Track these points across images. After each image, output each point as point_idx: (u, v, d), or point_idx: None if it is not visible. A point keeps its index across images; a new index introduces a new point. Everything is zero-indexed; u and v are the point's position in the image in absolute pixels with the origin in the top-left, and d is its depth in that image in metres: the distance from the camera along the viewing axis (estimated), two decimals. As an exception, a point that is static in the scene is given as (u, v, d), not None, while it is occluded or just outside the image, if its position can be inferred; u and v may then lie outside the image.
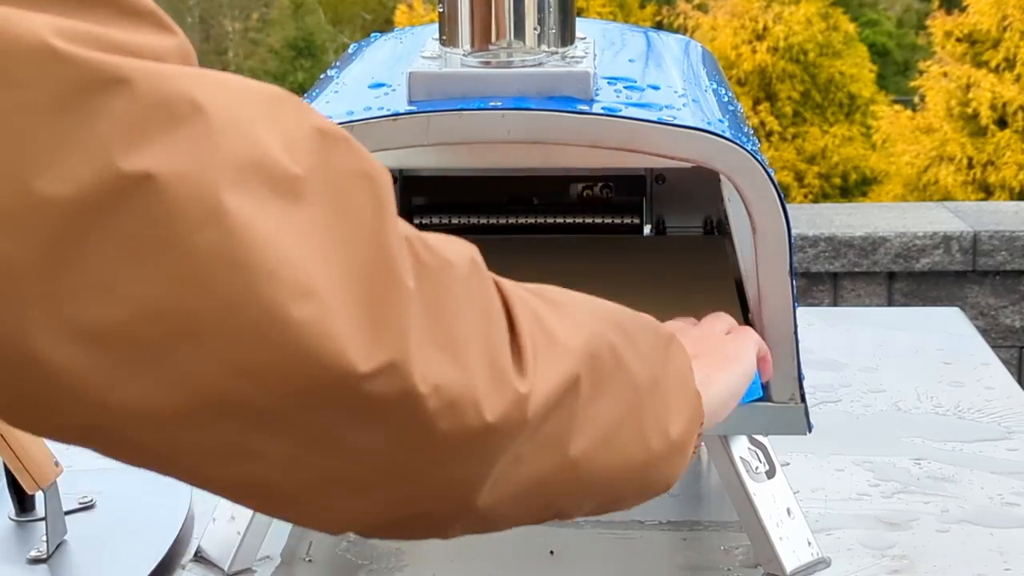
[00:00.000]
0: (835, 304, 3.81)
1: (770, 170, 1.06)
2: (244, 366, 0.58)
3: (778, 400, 1.12)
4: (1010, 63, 8.14)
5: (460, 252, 0.68)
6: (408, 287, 0.62)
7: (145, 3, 0.60)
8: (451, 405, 0.64)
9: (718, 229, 1.45)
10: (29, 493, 1.25)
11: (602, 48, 1.28)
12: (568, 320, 0.74)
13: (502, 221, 1.45)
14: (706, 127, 1.06)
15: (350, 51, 1.39)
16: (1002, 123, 8.08)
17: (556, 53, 1.10)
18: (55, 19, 0.56)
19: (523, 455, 0.70)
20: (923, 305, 3.67)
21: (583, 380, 0.74)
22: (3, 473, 1.27)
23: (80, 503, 1.28)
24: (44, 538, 1.21)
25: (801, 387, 1.12)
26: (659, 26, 9.02)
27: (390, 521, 0.69)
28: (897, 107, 9.13)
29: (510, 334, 0.69)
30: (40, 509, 1.25)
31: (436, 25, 1.14)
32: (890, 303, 3.80)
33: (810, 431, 1.13)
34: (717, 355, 0.96)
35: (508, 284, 0.71)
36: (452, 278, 0.66)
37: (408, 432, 0.63)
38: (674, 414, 0.83)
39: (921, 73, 8.79)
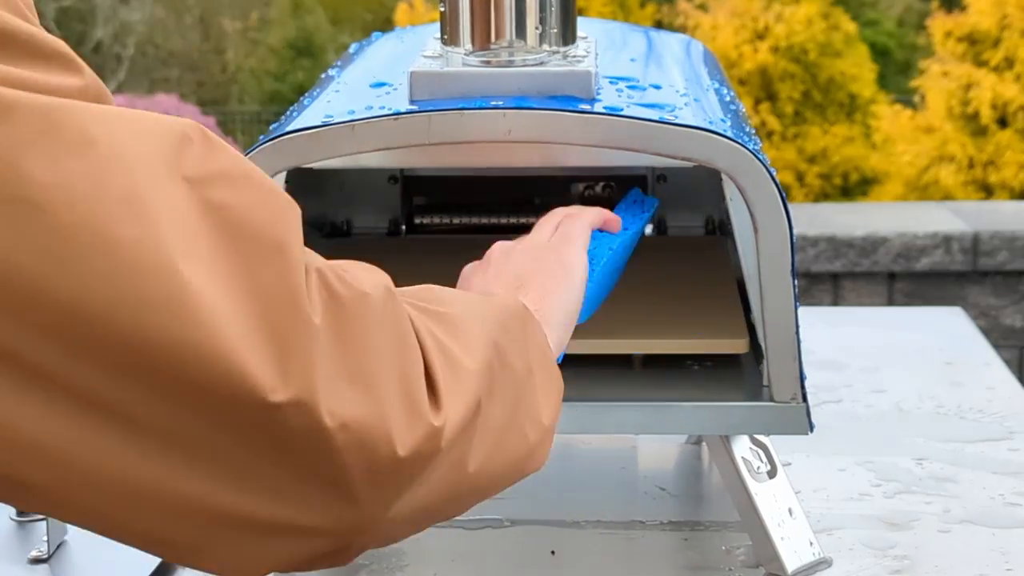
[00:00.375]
0: (835, 304, 3.81)
1: (772, 169, 1.06)
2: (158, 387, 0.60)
3: (780, 400, 1.12)
4: (1010, 63, 8.14)
5: (375, 283, 0.68)
6: (314, 322, 0.63)
7: (54, 45, 0.62)
8: (361, 441, 0.64)
9: (720, 229, 1.45)
10: (30, 493, 1.25)
11: (604, 47, 1.28)
12: (464, 339, 0.75)
13: (503, 221, 1.44)
14: (708, 126, 1.06)
15: (351, 51, 1.39)
16: (1003, 123, 8.08)
17: (558, 52, 1.10)
18: None
19: (430, 480, 0.71)
20: (923, 305, 3.67)
21: (483, 399, 0.75)
22: (4, 473, 1.27)
23: None
24: (45, 538, 1.21)
25: (803, 387, 1.12)
26: (659, 25, 9.01)
27: (298, 561, 0.69)
28: (897, 107, 9.13)
29: (424, 365, 0.70)
30: (41, 509, 1.25)
31: (437, 24, 1.14)
32: (890, 303, 3.80)
33: (812, 431, 1.13)
34: (545, 276, 0.94)
35: (411, 310, 0.72)
36: (367, 310, 0.66)
37: (318, 467, 0.64)
38: (542, 399, 0.83)
39: (921, 73, 8.79)
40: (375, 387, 0.65)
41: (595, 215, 1.03)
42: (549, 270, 0.95)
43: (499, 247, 0.99)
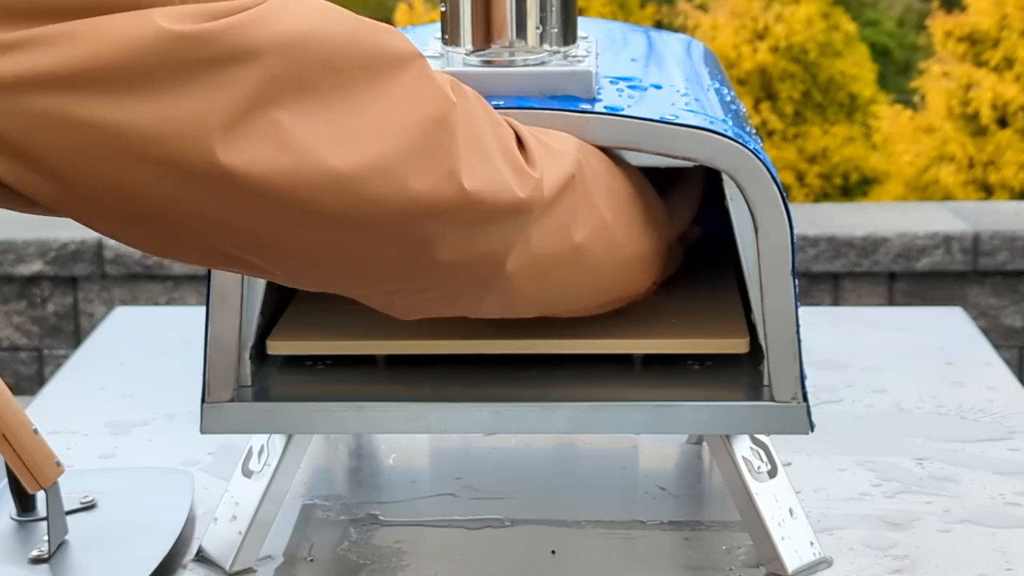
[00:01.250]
0: (835, 304, 3.81)
1: (773, 169, 1.06)
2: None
3: (780, 400, 1.12)
4: (1010, 63, 8.14)
5: (462, 86, 0.90)
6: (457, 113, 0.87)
7: None
8: (492, 191, 0.88)
9: (720, 229, 1.44)
10: (30, 493, 1.25)
11: (604, 47, 1.28)
12: (556, 138, 0.98)
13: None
14: (708, 126, 1.06)
15: (351, 50, 1.39)
16: (1003, 123, 8.08)
17: (558, 52, 1.10)
18: None
19: (533, 236, 0.93)
20: (924, 305, 3.67)
21: (578, 178, 0.97)
22: (4, 472, 1.27)
23: (81, 503, 1.28)
24: (45, 538, 1.21)
25: (803, 387, 1.12)
26: (659, 25, 9.02)
27: (442, 292, 0.94)
28: (898, 107, 9.13)
29: (519, 144, 0.93)
30: (41, 509, 1.25)
31: (437, 24, 1.14)
32: (891, 303, 3.80)
33: (812, 431, 1.13)
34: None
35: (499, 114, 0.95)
36: (471, 100, 0.89)
37: (457, 214, 0.87)
38: (651, 221, 1.09)
39: (921, 73, 8.78)
40: (489, 156, 0.88)
41: None
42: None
43: None
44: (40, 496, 1.25)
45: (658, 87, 1.16)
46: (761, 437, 1.18)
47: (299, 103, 0.76)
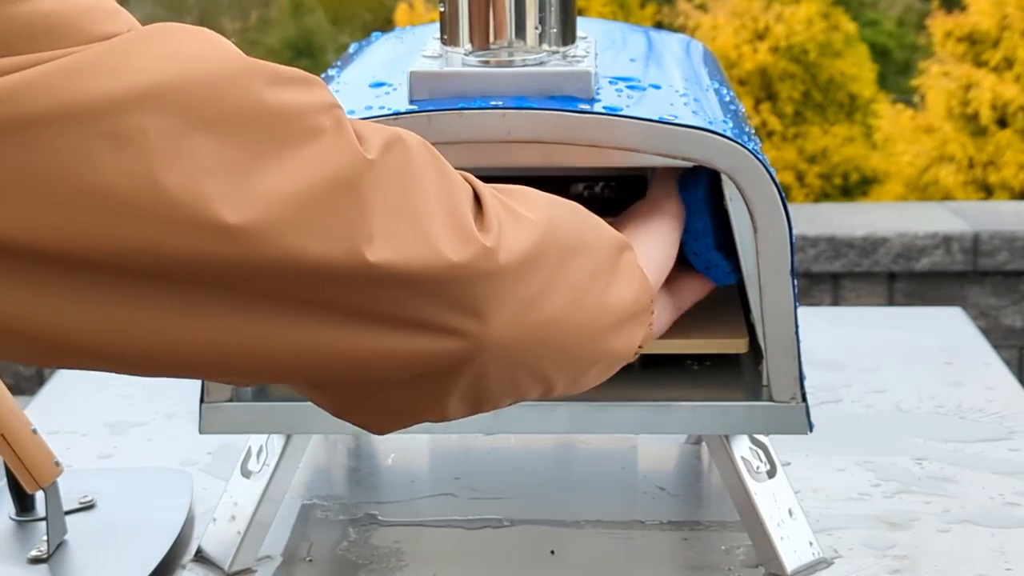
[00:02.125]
0: (835, 304, 3.81)
1: (771, 169, 1.06)
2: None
3: (779, 400, 1.12)
4: (1010, 63, 8.14)
5: (410, 136, 0.78)
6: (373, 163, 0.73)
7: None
8: (410, 259, 0.74)
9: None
10: (29, 493, 1.25)
11: (603, 47, 1.28)
12: (527, 203, 0.85)
13: (503, 221, 1.44)
14: (708, 127, 1.06)
15: (351, 50, 1.39)
16: (1002, 123, 8.08)
17: (557, 52, 1.10)
18: None
19: (502, 303, 0.79)
20: (923, 305, 3.67)
21: (549, 248, 0.83)
22: (3, 472, 1.27)
23: (80, 503, 1.28)
24: (44, 538, 1.21)
25: (802, 387, 1.12)
26: (659, 26, 9.02)
27: (405, 376, 0.78)
28: (899, 106, 9.13)
29: (475, 205, 0.80)
30: (40, 509, 1.25)
31: (437, 24, 1.14)
32: (891, 303, 3.80)
33: (811, 431, 1.13)
34: (629, 222, 1.04)
35: (471, 177, 0.83)
36: (411, 155, 0.77)
37: (378, 298, 0.74)
38: (626, 284, 0.92)
39: (921, 73, 8.79)
40: (422, 220, 0.75)
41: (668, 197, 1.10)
42: (635, 218, 1.06)
43: None
44: (39, 496, 1.25)
45: (657, 87, 1.16)
46: (760, 437, 1.18)
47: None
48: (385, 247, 0.72)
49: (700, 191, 1.09)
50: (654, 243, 1.02)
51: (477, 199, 0.81)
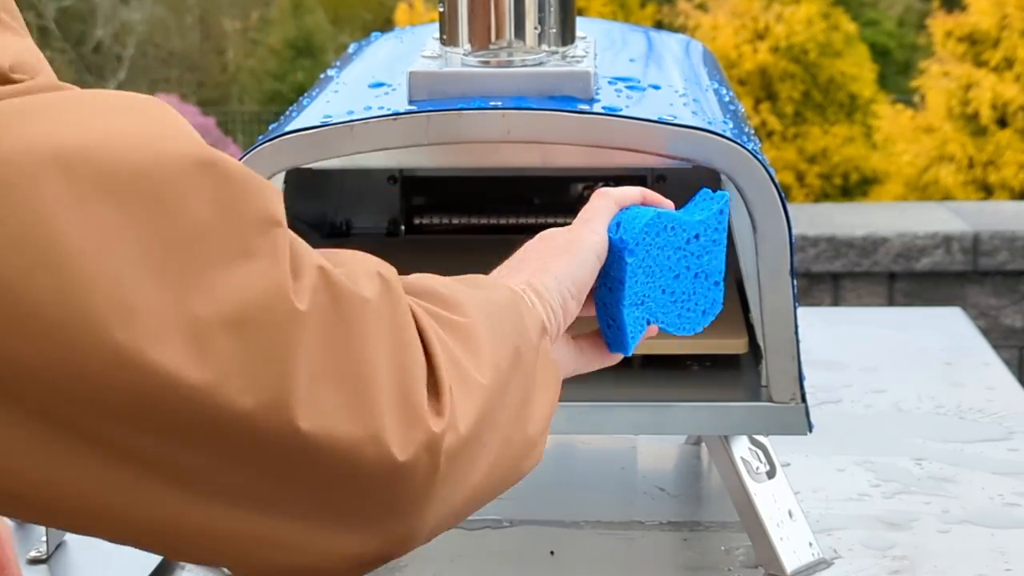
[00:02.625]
0: (835, 304, 3.81)
1: (771, 170, 1.06)
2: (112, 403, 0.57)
3: (779, 400, 1.12)
4: (1010, 63, 8.14)
5: (372, 283, 0.66)
6: (300, 315, 0.61)
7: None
8: (351, 448, 0.62)
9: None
10: (29, 493, 1.25)
11: (603, 48, 1.28)
12: (475, 349, 0.73)
13: (502, 221, 1.44)
14: (707, 127, 1.06)
15: (350, 51, 1.39)
16: (1002, 123, 8.08)
17: (556, 53, 1.10)
18: None
19: (438, 495, 0.69)
20: (923, 305, 3.67)
21: (492, 410, 0.73)
22: (3, 473, 1.27)
23: None
24: (44, 538, 1.21)
25: (802, 387, 1.11)
26: (659, 26, 9.01)
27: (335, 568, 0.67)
28: (899, 106, 9.13)
29: (428, 370, 0.68)
30: (40, 509, 1.25)
31: (436, 24, 1.14)
32: (891, 303, 3.79)
33: (811, 431, 1.13)
34: (548, 253, 0.89)
35: (420, 312, 0.70)
36: (364, 314, 0.64)
37: (298, 473, 0.62)
38: (541, 392, 0.81)
39: (921, 73, 8.79)
40: (367, 391, 0.63)
41: (627, 192, 0.94)
42: (552, 247, 0.90)
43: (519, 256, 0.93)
44: (39, 496, 1.25)
45: (657, 87, 1.16)
46: (760, 438, 1.18)
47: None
48: (314, 415, 0.61)
49: (632, 243, 0.91)
50: (558, 280, 0.88)
51: (432, 368, 0.68)
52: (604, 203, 0.92)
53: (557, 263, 0.88)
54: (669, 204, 0.95)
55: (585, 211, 0.93)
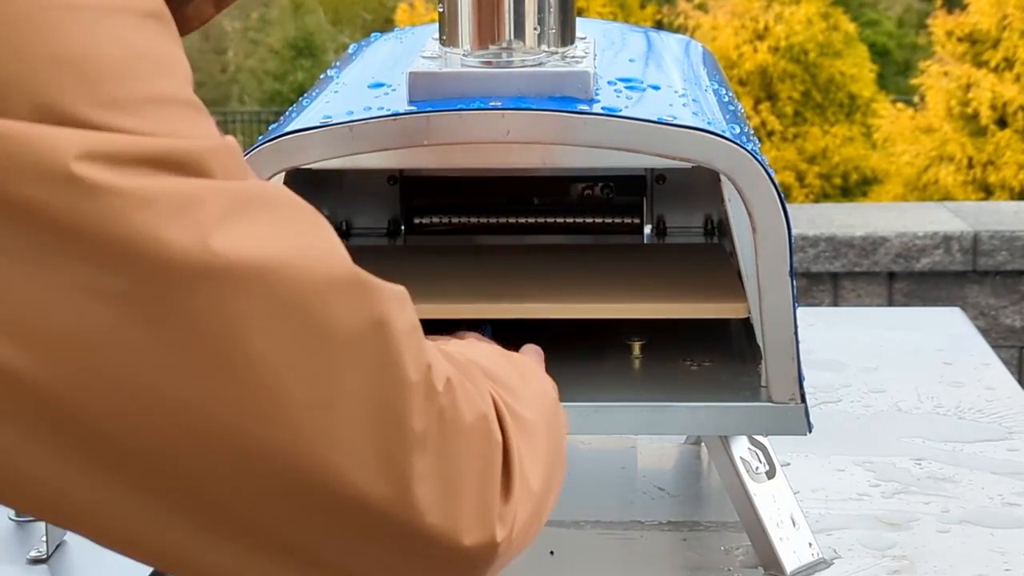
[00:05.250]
0: (835, 304, 3.81)
1: (770, 170, 1.06)
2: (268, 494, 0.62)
3: (778, 400, 1.12)
4: (1010, 63, 8.14)
5: (479, 409, 0.70)
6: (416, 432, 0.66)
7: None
8: (448, 532, 0.68)
9: (718, 229, 1.45)
10: (29, 493, 1.25)
11: (602, 48, 1.28)
12: (533, 448, 0.78)
13: (502, 221, 1.45)
14: (706, 127, 1.06)
15: (350, 51, 1.39)
16: (1002, 123, 8.08)
17: (556, 53, 1.10)
18: None
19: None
20: (923, 305, 3.67)
21: (537, 513, 0.79)
22: (3, 473, 1.27)
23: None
24: (44, 538, 1.21)
25: (801, 387, 1.12)
26: (659, 26, 9.02)
27: None
28: (900, 106, 9.13)
29: (503, 471, 0.73)
30: (40, 509, 1.25)
31: (436, 25, 1.14)
32: (890, 303, 3.79)
33: (810, 431, 1.13)
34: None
35: (503, 411, 0.74)
36: (467, 434, 0.69)
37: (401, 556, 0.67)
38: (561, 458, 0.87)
39: (921, 73, 8.79)
40: (457, 493, 0.68)
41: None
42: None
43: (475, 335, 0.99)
44: (39, 497, 1.25)
45: (656, 88, 1.16)
46: (759, 438, 1.18)
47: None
48: (440, 510, 0.67)
49: None
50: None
51: (507, 468, 0.73)
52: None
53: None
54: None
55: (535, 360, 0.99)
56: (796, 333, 1.10)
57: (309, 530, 0.64)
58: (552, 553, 1.22)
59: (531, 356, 0.98)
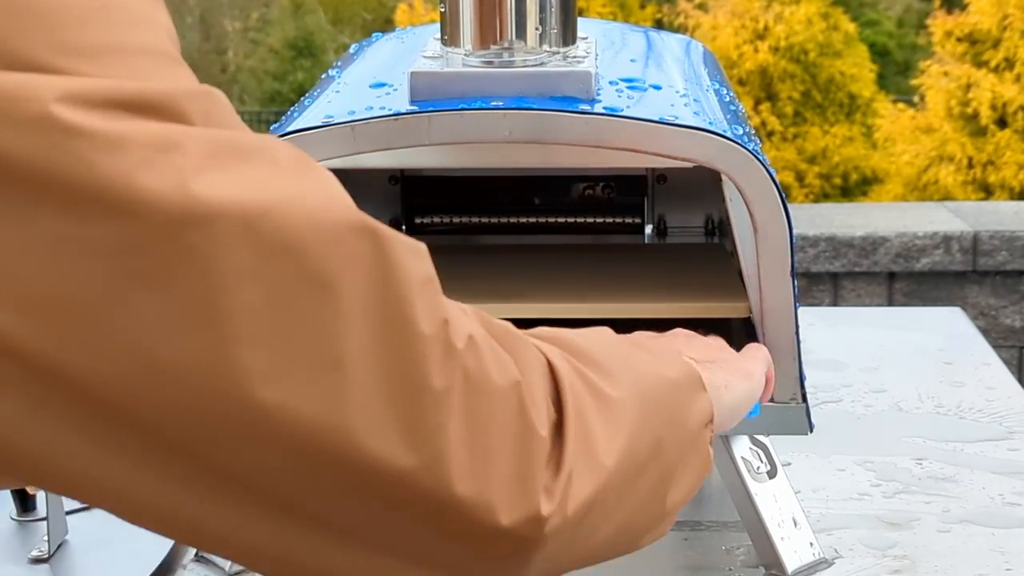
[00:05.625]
0: (835, 304, 3.81)
1: (771, 170, 1.06)
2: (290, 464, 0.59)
3: (779, 400, 1.12)
4: (1010, 63, 8.14)
5: (512, 375, 0.66)
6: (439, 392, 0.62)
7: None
8: (470, 506, 0.64)
9: (719, 229, 1.45)
10: (31, 493, 1.25)
11: (603, 48, 1.28)
12: (612, 423, 0.72)
13: (503, 221, 1.45)
14: (707, 127, 1.06)
15: (351, 51, 1.39)
16: (1002, 123, 8.08)
17: (557, 53, 1.10)
18: None
19: (532, 560, 0.68)
20: (923, 305, 3.67)
21: (611, 491, 0.72)
22: (4, 473, 1.27)
23: (81, 503, 1.28)
24: (45, 538, 1.21)
25: (802, 387, 1.12)
26: (659, 26, 9.02)
27: None
28: (900, 106, 9.14)
29: (553, 441, 0.68)
30: (42, 509, 1.25)
31: (437, 25, 1.14)
32: (890, 303, 3.80)
33: (811, 431, 1.13)
34: (735, 366, 0.94)
35: (568, 376, 0.70)
36: (496, 396, 0.65)
37: (432, 526, 0.64)
38: (684, 480, 0.81)
39: (921, 73, 8.79)
40: (489, 461, 0.64)
41: (769, 359, 1.01)
42: (741, 365, 0.95)
43: (685, 332, 0.95)
44: (40, 496, 1.25)
45: (657, 87, 1.16)
46: (760, 437, 1.18)
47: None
48: (468, 480, 0.63)
49: None
50: (733, 404, 0.91)
51: (560, 433, 0.68)
52: (766, 355, 1.00)
53: (738, 387, 0.92)
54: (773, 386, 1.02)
55: (760, 350, 1.00)
56: (797, 333, 1.10)
57: (331, 501, 0.61)
58: (553, 553, 1.22)
59: (700, 343, 0.94)
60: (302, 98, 1.21)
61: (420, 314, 0.61)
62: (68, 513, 1.25)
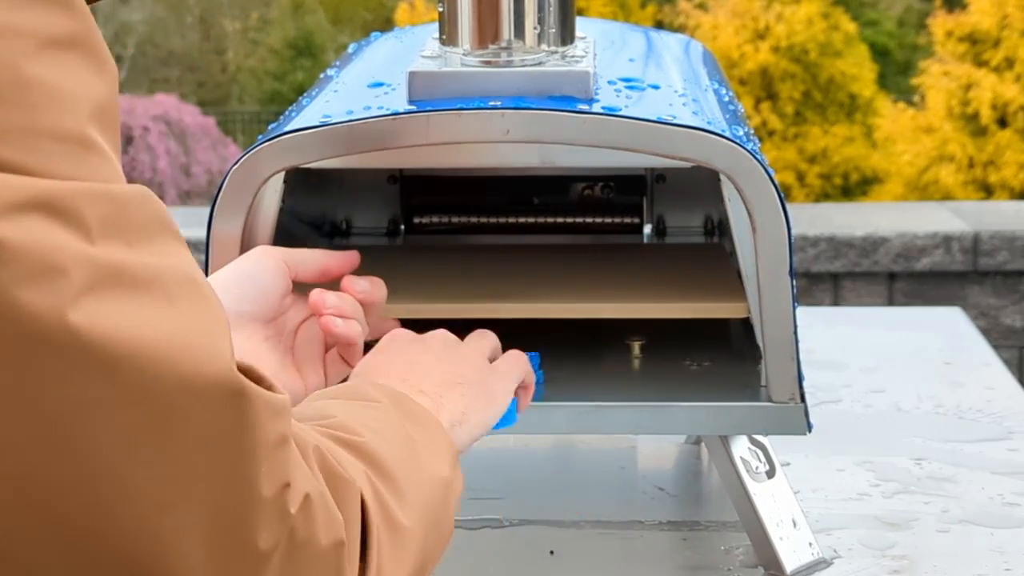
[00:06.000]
0: (835, 304, 3.81)
1: (770, 170, 1.06)
2: None
3: (778, 400, 1.12)
4: (1010, 63, 8.14)
5: (337, 536, 0.68)
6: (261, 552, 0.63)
7: None
8: None
9: (718, 229, 1.45)
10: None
11: (602, 48, 1.28)
12: (402, 559, 0.76)
13: (502, 221, 1.45)
14: (706, 127, 1.06)
15: (350, 50, 1.39)
16: (1002, 123, 8.09)
17: (556, 52, 1.10)
18: None
19: None
20: (923, 305, 3.67)
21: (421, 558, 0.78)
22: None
23: None
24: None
25: (801, 387, 1.11)
26: (659, 25, 9.02)
27: None
28: (900, 105, 9.14)
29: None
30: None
31: (436, 24, 1.14)
32: (890, 303, 3.79)
33: (810, 431, 1.13)
34: (478, 390, 0.94)
35: (373, 509, 0.72)
36: (317, 557, 0.67)
37: None
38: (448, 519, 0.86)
39: (922, 73, 8.79)
40: None
41: (527, 366, 1.00)
42: (488, 389, 0.95)
43: (438, 336, 0.97)
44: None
45: (656, 87, 1.16)
46: (759, 437, 1.18)
47: None
48: None
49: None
50: (476, 429, 0.96)
51: (363, 565, 0.72)
52: (517, 376, 0.98)
53: (480, 417, 0.94)
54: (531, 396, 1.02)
55: (512, 366, 0.98)
56: (796, 333, 1.10)
57: None
58: (552, 553, 1.22)
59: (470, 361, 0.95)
60: (300, 98, 1.21)
61: (264, 477, 0.62)
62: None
